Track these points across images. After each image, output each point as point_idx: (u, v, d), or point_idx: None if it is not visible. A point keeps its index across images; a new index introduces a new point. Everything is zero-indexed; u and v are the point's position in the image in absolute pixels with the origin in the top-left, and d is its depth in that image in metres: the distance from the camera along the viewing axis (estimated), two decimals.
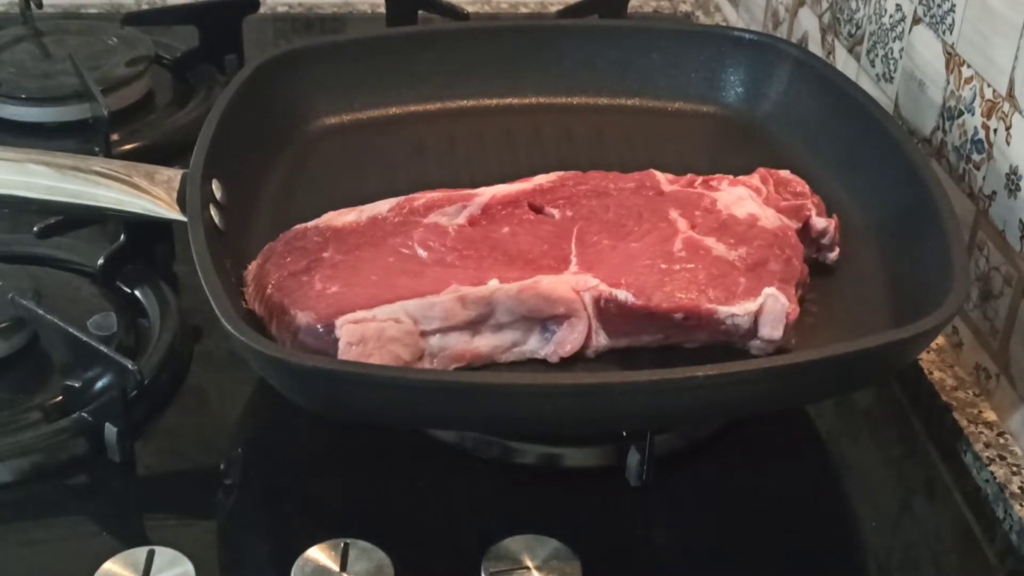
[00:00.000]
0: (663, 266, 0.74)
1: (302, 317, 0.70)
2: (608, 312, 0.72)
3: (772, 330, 0.72)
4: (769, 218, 0.79)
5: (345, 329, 0.68)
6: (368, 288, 0.72)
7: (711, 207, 0.79)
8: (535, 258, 0.75)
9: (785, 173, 0.85)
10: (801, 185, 0.84)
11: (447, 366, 0.71)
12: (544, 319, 0.72)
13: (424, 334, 0.70)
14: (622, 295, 0.72)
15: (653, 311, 0.72)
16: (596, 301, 0.72)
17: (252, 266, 0.76)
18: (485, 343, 0.72)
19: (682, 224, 0.78)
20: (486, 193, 0.81)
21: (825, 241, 0.81)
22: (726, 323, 0.72)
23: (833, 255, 0.81)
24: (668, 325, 0.73)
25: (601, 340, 0.73)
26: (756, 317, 0.72)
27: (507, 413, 0.67)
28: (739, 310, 0.72)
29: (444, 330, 0.70)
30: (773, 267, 0.75)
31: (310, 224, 0.79)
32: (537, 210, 0.81)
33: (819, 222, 0.81)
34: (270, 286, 0.73)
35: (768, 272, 0.74)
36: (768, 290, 0.72)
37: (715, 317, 0.72)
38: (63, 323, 0.75)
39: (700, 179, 0.83)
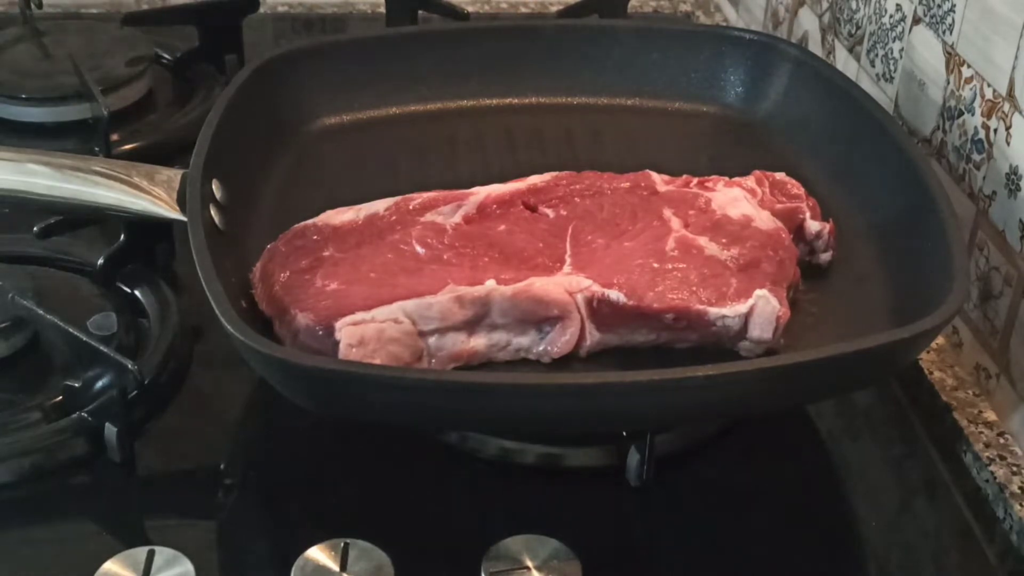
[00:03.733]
0: (655, 265, 0.74)
1: (302, 318, 0.70)
2: (601, 312, 0.72)
3: (762, 332, 0.72)
4: (763, 220, 0.79)
5: (345, 331, 0.68)
6: (367, 287, 0.72)
7: (705, 207, 0.79)
8: (531, 256, 0.76)
9: (781, 175, 0.85)
10: (797, 187, 0.83)
11: (445, 366, 0.71)
12: (538, 320, 0.72)
13: (422, 334, 0.70)
14: (614, 295, 0.72)
15: (644, 311, 0.72)
16: (589, 302, 0.72)
17: (256, 267, 0.76)
18: (481, 342, 0.72)
19: (675, 223, 0.78)
20: (481, 192, 0.81)
21: (819, 244, 0.81)
22: (716, 324, 0.72)
23: (826, 256, 0.81)
24: (660, 326, 0.73)
25: (593, 340, 0.73)
26: (746, 319, 0.72)
27: (507, 413, 0.67)
28: (729, 311, 0.72)
29: (442, 330, 0.70)
30: (766, 268, 0.75)
31: (309, 223, 0.79)
32: (532, 209, 0.81)
33: (813, 225, 0.81)
34: (277, 285, 0.73)
35: (760, 273, 0.74)
36: (759, 292, 0.72)
37: (705, 318, 0.72)
38: (63, 323, 0.75)
39: (695, 180, 0.83)
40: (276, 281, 0.73)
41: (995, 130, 0.80)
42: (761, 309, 0.72)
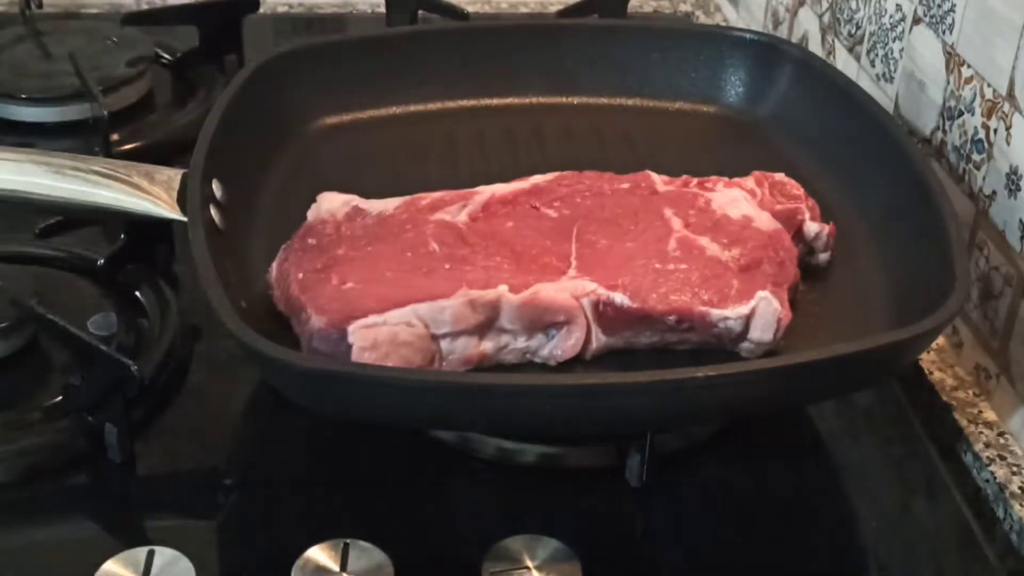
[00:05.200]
0: (657, 266, 0.74)
1: (315, 321, 0.70)
2: (606, 315, 0.73)
3: (763, 333, 0.72)
4: (763, 221, 0.79)
5: (358, 334, 0.68)
6: (382, 287, 0.72)
7: (705, 207, 0.80)
8: (538, 255, 0.76)
9: (780, 176, 0.84)
10: (796, 188, 0.83)
11: (456, 369, 0.71)
12: (545, 325, 0.73)
13: (435, 337, 0.70)
14: (619, 298, 0.72)
15: (648, 313, 0.72)
16: (595, 305, 0.73)
17: (272, 267, 0.76)
18: (491, 345, 0.72)
19: (676, 223, 0.78)
20: (486, 192, 0.81)
21: (819, 245, 0.81)
22: (718, 326, 0.72)
23: (825, 257, 0.81)
24: (663, 327, 0.73)
25: (599, 344, 0.73)
26: (747, 320, 0.72)
27: (508, 413, 0.67)
28: (731, 313, 0.72)
29: (454, 334, 0.71)
30: (767, 269, 0.75)
31: (322, 222, 0.79)
32: (535, 209, 0.81)
33: (813, 227, 0.81)
34: (293, 284, 0.73)
35: (761, 274, 0.75)
36: (761, 293, 0.72)
37: (708, 319, 0.72)
38: (63, 323, 0.75)
39: (695, 181, 0.83)
40: (292, 280, 0.73)
41: (995, 130, 0.80)
42: (763, 311, 0.72)
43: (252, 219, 0.82)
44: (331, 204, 0.80)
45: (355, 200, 0.80)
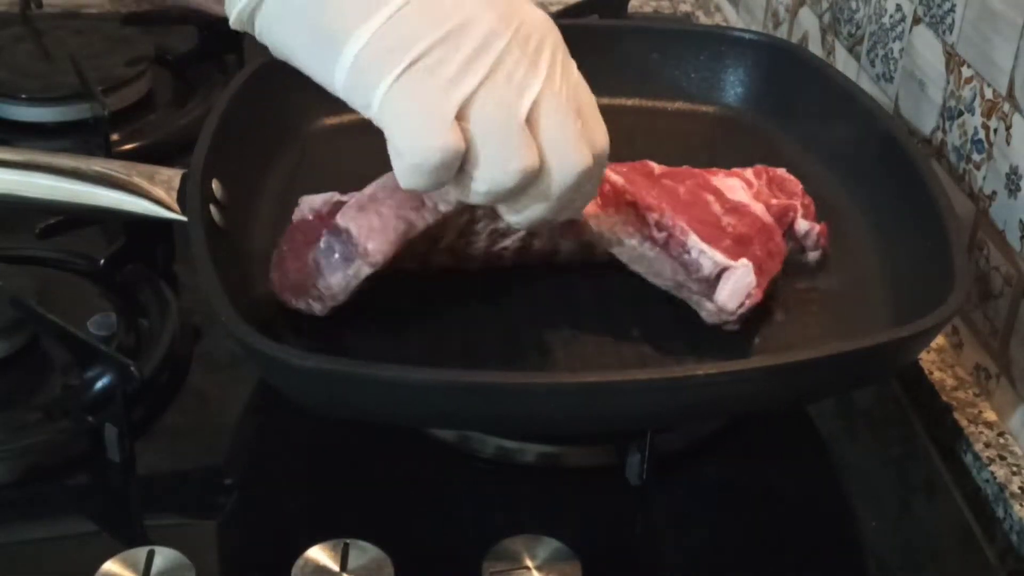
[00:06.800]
0: (664, 182, 0.76)
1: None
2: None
3: (729, 299, 0.72)
4: (759, 211, 0.79)
5: (346, 215, 0.71)
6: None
7: (705, 183, 0.80)
8: None
9: (781, 171, 0.84)
10: (794, 184, 0.83)
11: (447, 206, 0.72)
12: None
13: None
14: (614, 176, 0.73)
15: (637, 202, 0.72)
16: None
17: (272, 271, 0.76)
18: None
19: (680, 189, 0.78)
20: None
21: (808, 243, 0.81)
22: (691, 253, 0.72)
23: (815, 255, 0.81)
24: (640, 224, 0.73)
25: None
26: (721, 273, 0.72)
27: (507, 412, 0.67)
28: (710, 252, 0.72)
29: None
30: (756, 251, 0.75)
31: (306, 220, 0.79)
32: None
33: (803, 225, 0.80)
34: (292, 271, 0.73)
35: (750, 252, 0.74)
36: (744, 261, 0.72)
37: (686, 243, 0.72)
38: (63, 323, 0.75)
39: (696, 170, 0.83)
40: (291, 267, 0.73)
41: (995, 130, 0.80)
42: (740, 276, 0.72)
43: (252, 219, 0.82)
44: (313, 203, 0.80)
45: (336, 196, 0.80)
